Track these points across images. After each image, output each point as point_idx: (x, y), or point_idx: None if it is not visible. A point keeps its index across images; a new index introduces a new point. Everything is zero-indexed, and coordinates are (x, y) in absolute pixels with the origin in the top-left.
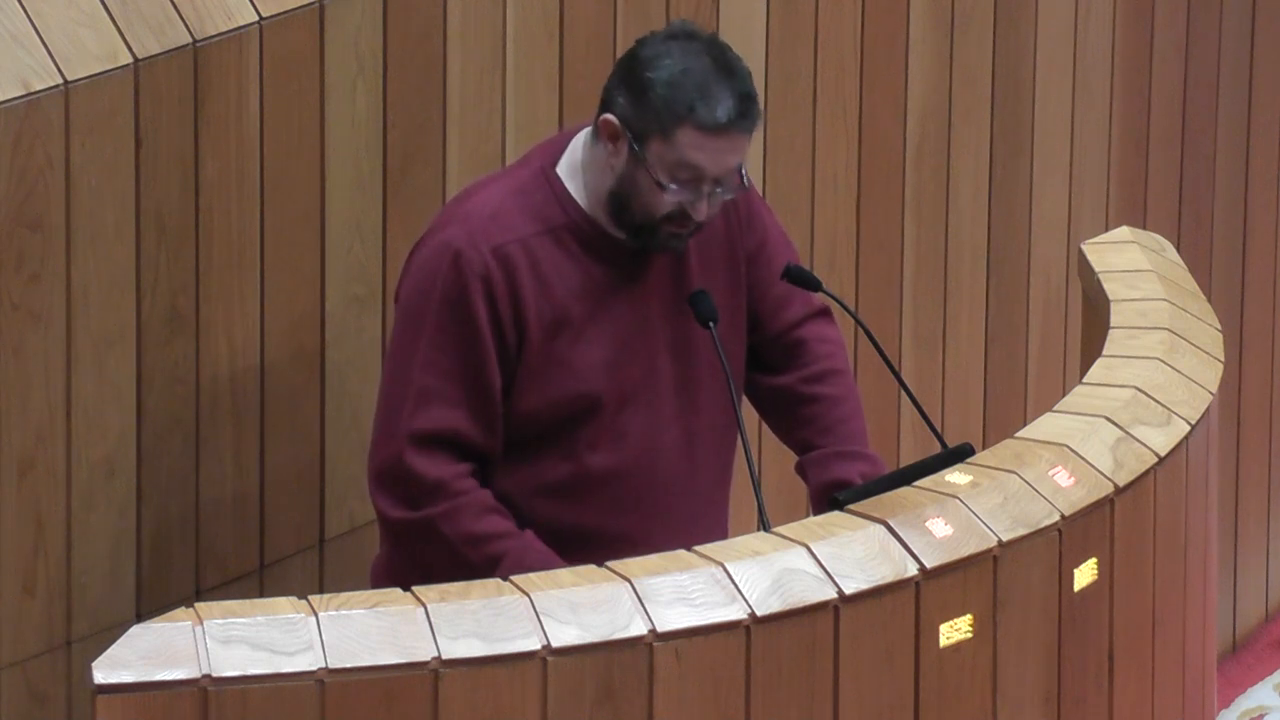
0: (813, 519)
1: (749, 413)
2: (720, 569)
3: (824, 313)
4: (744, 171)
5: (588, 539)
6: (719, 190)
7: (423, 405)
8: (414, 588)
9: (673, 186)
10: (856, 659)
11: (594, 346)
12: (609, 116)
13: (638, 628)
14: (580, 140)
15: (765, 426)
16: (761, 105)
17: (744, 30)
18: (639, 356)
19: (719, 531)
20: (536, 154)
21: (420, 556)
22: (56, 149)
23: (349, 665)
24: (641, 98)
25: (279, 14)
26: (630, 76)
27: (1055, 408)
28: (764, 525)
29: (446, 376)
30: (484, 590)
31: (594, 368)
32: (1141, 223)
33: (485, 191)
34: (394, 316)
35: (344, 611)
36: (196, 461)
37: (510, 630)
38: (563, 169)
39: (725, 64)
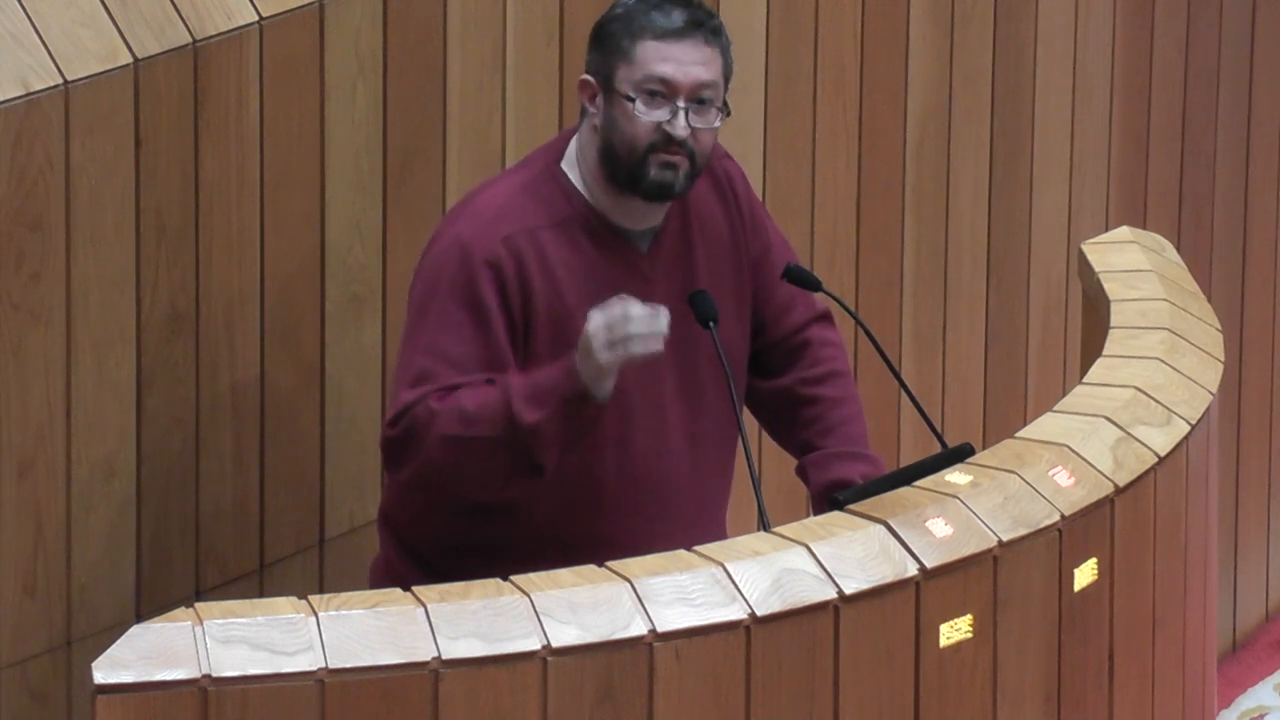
0: (813, 519)
1: (750, 414)
2: (720, 569)
3: (826, 316)
4: (725, 100)
5: (588, 539)
6: (695, 107)
7: (418, 385)
8: (414, 588)
9: (642, 104)
10: (856, 659)
11: None
12: (583, 77)
13: (638, 628)
14: (576, 135)
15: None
16: (724, 23)
17: (744, 30)
18: None
19: (718, 531)
20: (539, 154)
21: (434, 492)
22: (56, 149)
23: (349, 665)
24: (601, 39)
25: (279, 14)
26: (593, 34)
27: (1055, 408)
28: (764, 525)
29: (445, 359)
30: (484, 590)
31: None
32: (1141, 223)
33: (492, 189)
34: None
35: (344, 611)
36: (196, 461)
37: (510, 630)
38: (566, 164)
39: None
